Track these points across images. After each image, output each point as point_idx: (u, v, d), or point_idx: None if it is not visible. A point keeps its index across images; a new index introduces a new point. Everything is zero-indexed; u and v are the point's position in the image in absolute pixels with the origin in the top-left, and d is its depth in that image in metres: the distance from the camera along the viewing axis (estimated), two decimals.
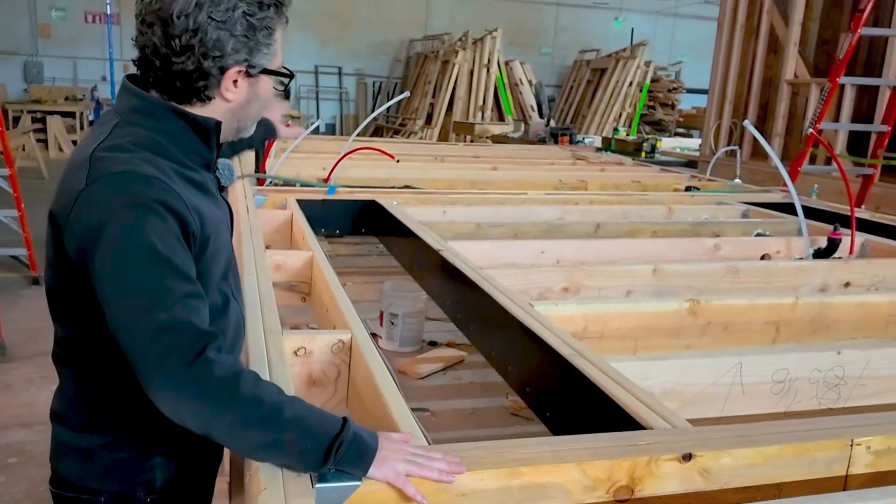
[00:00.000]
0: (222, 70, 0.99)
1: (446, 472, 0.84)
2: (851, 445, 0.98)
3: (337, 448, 0.83)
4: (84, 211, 0.93)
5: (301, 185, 3.00)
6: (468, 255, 1.94)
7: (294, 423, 0.84)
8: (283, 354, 1.16)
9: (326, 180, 3.13)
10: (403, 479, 0.83)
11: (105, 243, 0.90)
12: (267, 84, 1.05)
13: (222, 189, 1.16)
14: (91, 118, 11.68)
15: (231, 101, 1.02)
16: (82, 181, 0.93)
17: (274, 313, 1.33)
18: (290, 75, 1.06)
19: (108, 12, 9.36)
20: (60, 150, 10.63)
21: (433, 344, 2.05)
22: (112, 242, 0.90)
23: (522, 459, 0.88)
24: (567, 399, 1.22)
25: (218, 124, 1.04)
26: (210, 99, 1.02)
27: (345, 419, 0.87)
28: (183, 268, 0.92)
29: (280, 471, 0.81)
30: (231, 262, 1.14)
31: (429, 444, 0.94)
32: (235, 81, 1.01)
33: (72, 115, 11.09)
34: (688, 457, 0.92)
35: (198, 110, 1.03)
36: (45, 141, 10.53)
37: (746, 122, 2.76)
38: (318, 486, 0.79)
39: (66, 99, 11.34)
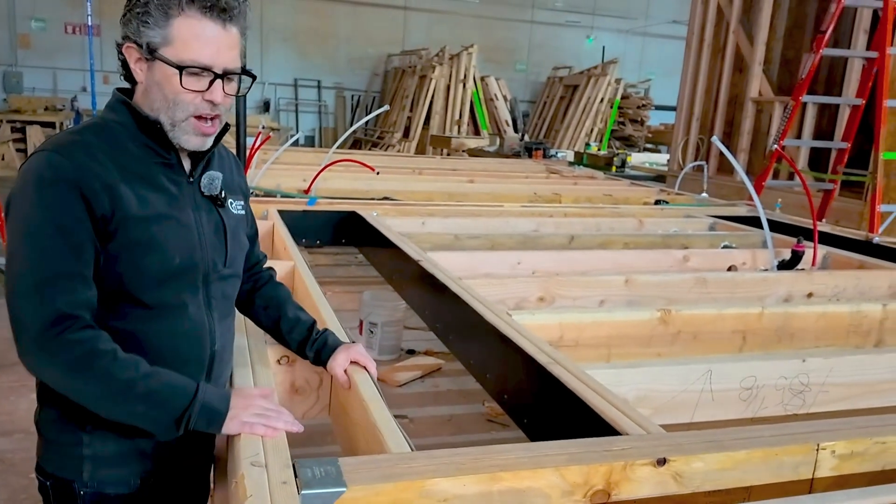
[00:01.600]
0: (123, 43, 1.06)
1: (291, 423, 0.98)
2: (817, 450, 1.01)
3: (187, 419, 0.97)
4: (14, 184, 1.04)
5: (282, 196, 3.00)
6: (447, 266, 1.97)
7: (144, 397, 0.97)
8: (268, 363, 1.16)
9: (307, 191, 3.14)
10: (251, 426, 0.96)
11: (9, 218, 1.00)
12: (164, 72, 1.03)
13: (216, 200, 1.15)
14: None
15: (141, 81, 1.06)
16: None
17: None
18: (177, 66, 1.02)
19: (90, 24, 9.26)
20: None
21: (411, 352, 2.07)
22: (12, 218, 1.00)
23: (502, 465, 0.90)
24: (544, 405, 1.25)
25: (158, 123, 1.06)
26: (135, 81, 1.08)
27: (197, 388, 0.99)
28: (70, 248, 0.98)
29: (266, 477, 0.82)
30: (206, 274, 1.11)
31: (412, 450, 0.95)
32: (138, 60, 1.05)
33: (52, 125, 10.92)
34: (662, 461, 0.95)
35: (138, 98, 1.08)
36: (24, 150, 10.32)
37: (714, 139, 2.85)
38: (303, 492, 0.80)
39: (46, 109, 11.20)
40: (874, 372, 1.57)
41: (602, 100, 12.12)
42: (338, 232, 2.78)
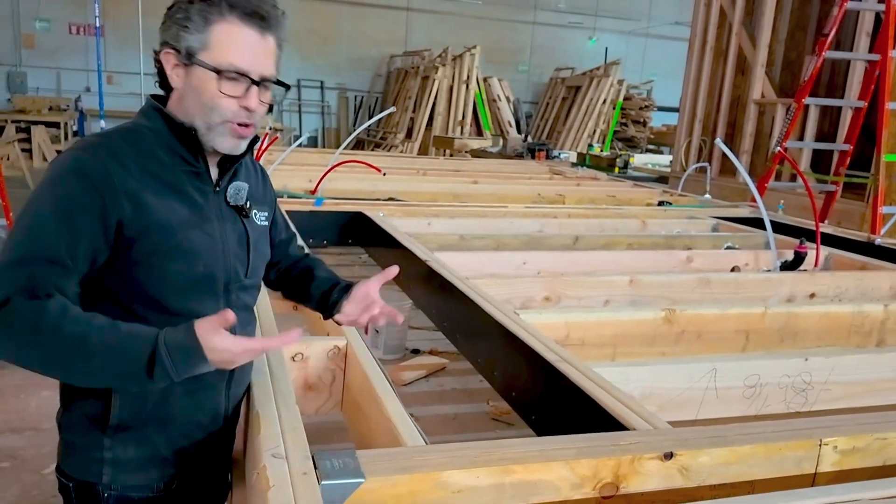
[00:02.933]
0: (161, 49, 1.06)
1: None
2: (820, 445, 1.03)
3: (155, 365, 0.91)
4: None
5: (289, 197, 3.03)
6: (453, 266, 1.99)
7: (102, 353, 0.92)
8: (283, 360, 1.19)
9: (313, 192, 3.16)
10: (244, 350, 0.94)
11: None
12: (202, 77, 1.03)
13: (241, 211, 1.14)
14: (75, 128, 11.56)
15: (177, 87, 1.06)
16: None
17: (271, 320, 1.36)
18: (215, 70, 1.02)
19: (97, 24, 9.29)
20: (45, 159, 10.49)
21: (416, 352, 2.09)
22: (28, 199, 0.99)
23: (514, 458, 0.92)
24: (552, 402, 1.27)
25: (192, 129, 1.06)
26: (170, 88, 1.08)
27: (157, 336, 0.93)
28: (63, 235, 0.96)
29: (286, 468, 0.84)
30: (228, 283, 1.11)
31: (426, 443, 0.98)
32: (176, 66, 1.05)
33: (56, 125, 10.97)
34: (669, 456, 0.97)
35: (173, 105, 1.08)
36: (29, 150, 10.38)
37: (718, 140, 2.87)
38: (323, 483, 0.82)
39: (51, 109, 11.25)
40: (875, 371, 1.59)
41: (604, 101, 12.13)
42: (344, 232, 2.80)
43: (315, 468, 0.84)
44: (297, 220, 2.56)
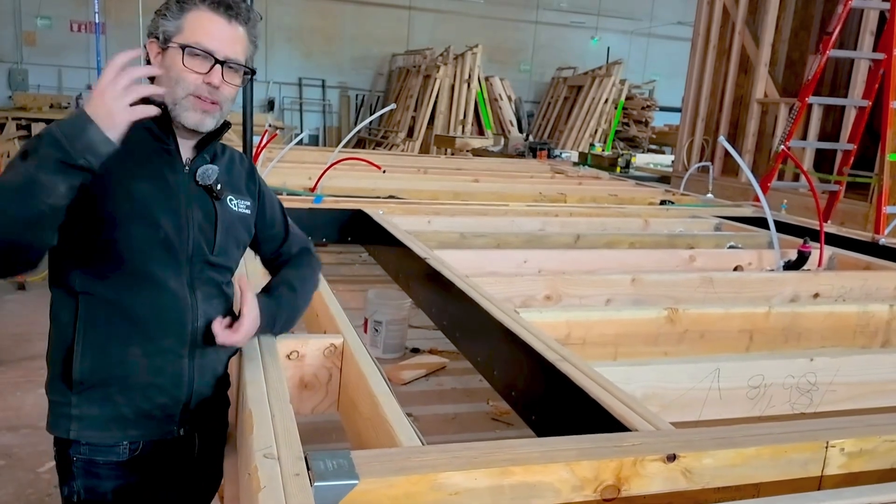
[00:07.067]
0: (147, 42, 1.18)
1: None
2: (826, 447, 1.01)
3: (66, 145, 1.00)
4: None
5: (288, 194, 3.01)
6: (453, 264, 1.97)
7: (20, 168, 1.00)
8: (277, 358, 1.17)
9: (313, 190, 3.15)
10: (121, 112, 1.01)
11: None
12: (172, 56, 1.15)
13: (210, 192, 1.21)
14: None
15: (157, 74, 1.15)
16: None
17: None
18: (181, 46, 1.13)
19: (97, 21, 9.34)
20: None
21: (416, 351, 2.07)
22: None
23: (513, 459, 0.90)
24: (553, 402, 1.25)
25: (163, 105, 1.13)
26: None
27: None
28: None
29: (278, 469, 0.82)
30: (192, 255, 1.18)
31: (423, 444, 0.96)
32: (157, 54, 1.16)
33: None
34: (672, 457, 0.95)
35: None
36: None
37: (721, 139, 2.85)
38: (316, 484, 0.80)
39: (51, 107, 11.24)
40: (881, 372, 1.57)
41: (606, 101, 12.11)
42: (344, 230, 2.79)
43: (308, 469, 0.82)
44: (296, 218, 2.51)
